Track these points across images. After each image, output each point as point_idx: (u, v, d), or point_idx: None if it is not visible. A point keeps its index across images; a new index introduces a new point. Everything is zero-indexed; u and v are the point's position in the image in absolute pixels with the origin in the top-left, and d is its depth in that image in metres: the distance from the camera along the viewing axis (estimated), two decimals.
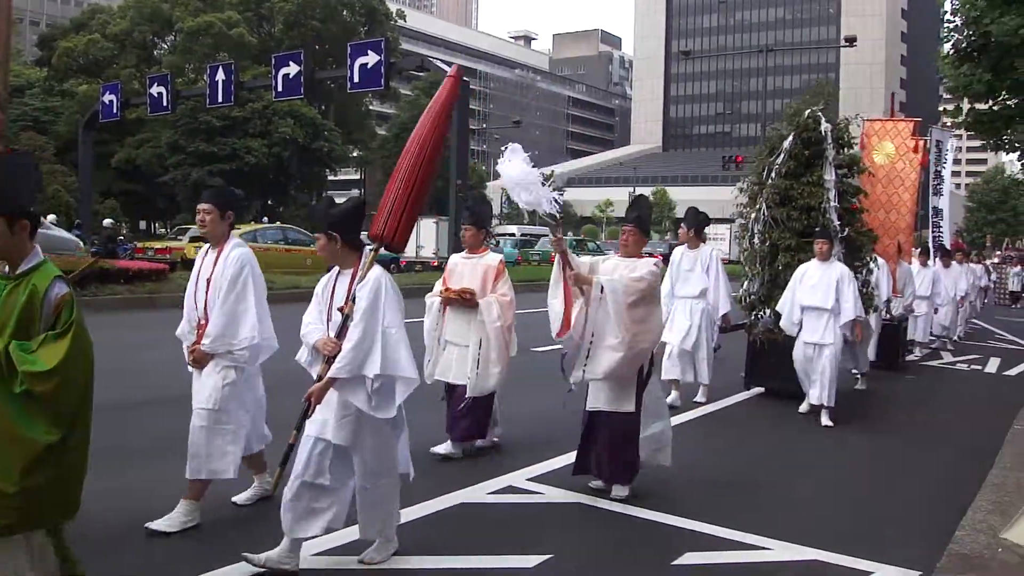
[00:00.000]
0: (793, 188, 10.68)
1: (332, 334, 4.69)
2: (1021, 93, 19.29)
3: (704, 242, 10.43)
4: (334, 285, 4.87)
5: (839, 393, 9.64)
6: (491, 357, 7.12)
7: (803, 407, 9.79)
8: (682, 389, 10.05)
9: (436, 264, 35.54)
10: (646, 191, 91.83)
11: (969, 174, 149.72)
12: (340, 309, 4.68)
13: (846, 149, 11.07)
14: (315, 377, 4.68)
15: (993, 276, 32.68)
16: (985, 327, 22.66)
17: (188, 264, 24.06)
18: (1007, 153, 26.13)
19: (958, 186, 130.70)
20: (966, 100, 22.36)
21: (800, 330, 9.73)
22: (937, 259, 17.48)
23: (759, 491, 6.88)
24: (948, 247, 18.75)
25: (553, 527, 5.69)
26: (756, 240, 10.91)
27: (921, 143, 15.30)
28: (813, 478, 7.45)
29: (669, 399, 9.60)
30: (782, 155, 10.86)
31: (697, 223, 10.30)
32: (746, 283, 11.15)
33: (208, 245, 5.65)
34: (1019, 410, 9.79)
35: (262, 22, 66.25)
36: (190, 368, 5.53)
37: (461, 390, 7.17)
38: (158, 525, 5.19)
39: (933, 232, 19.22)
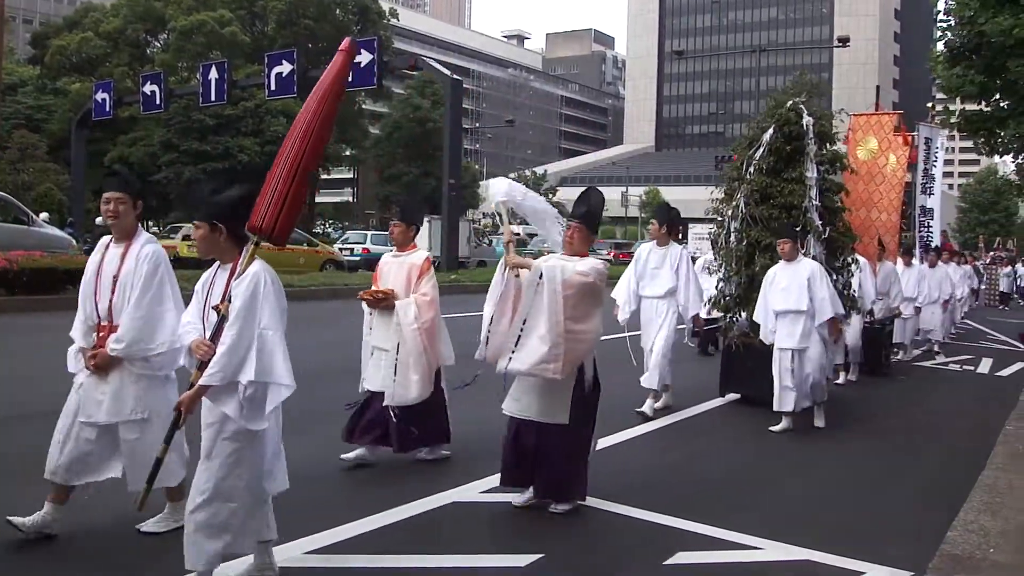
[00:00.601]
0: (773, 185, 10.10)
1: (208, 336, 4.22)
2: (1014, 94, 19.32)
3: (678, 241, 10.00)
4: (212, 281, 4.37)
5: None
6: (409, 362, 6.67)
7: (778, 427, 8.88)
8: (668, 392, 9.72)
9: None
10: (639, 191, 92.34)
11: (962, 175, 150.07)
12: (216, 308, 4.23)
13: (829, 144, 10.52)
14: (189, 384, 4.23)
15: (984, 276, 32.41)
16: (977, 327, 22.72)
17: (180, 262, 24.11)
18: (1000, 156, 26.13)
19: (951, 186, 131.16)
20: (958, 100, 22.41)
21: (776, 336, 9.07)
22: (923, 259, 17.01)
23: (751, 491, 6.88)
24: (938, 246, 18.32)
25: (545, 526, 5.68)
26: (732, 239, 10.31)
27: (908, 139, 14.87)
28: (804, 479, 7.45)
29: (644, 407, 9.32)
30: (761, 149, 10.21)
31: (670, 219, 9.76)
32: (720, 283, 10.54)
33: (110, 238, 5.20)
34: (1011, 411, 9.81)
35: (255, 20, 66.13)
36: (85, 372, 5.05)
37: (382, 398, 6.75)
38: (148, 526, 5.17)
39: (921, 231, 18.88)
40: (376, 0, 68.13)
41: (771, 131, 10.19)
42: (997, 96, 20.47)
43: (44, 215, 26.32)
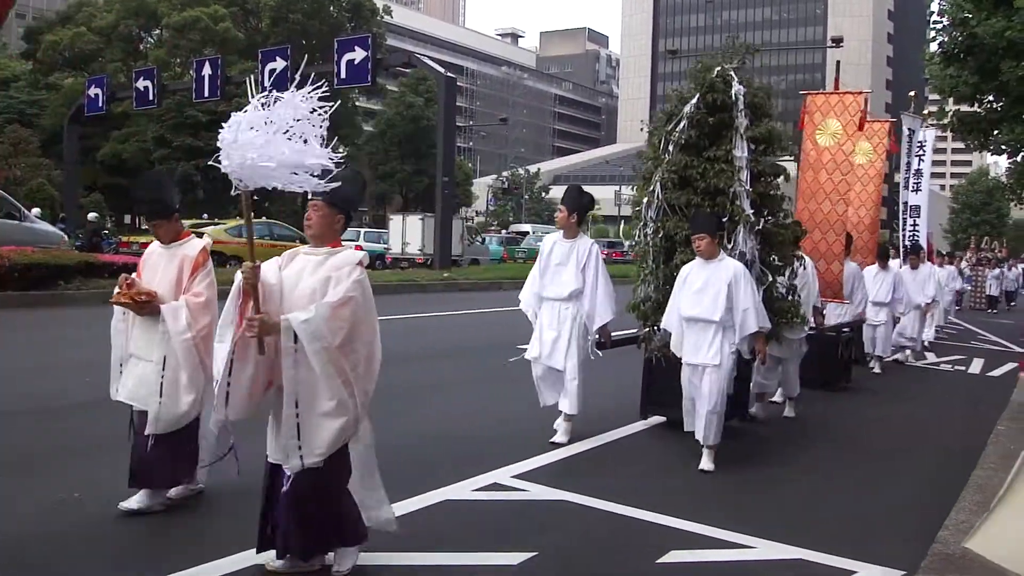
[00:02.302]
0: (694, 166, 8.36)
1: None
2: (1007, 95, 19.41)
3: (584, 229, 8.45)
4: None
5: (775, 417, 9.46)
6: (181, 380, 5.34)
7: (705, 463, 7.31)
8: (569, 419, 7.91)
9: (422, 261, 35.68)
10: (632, 190, 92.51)
11: (954, 175, 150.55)
12: None
13: (766, 120, 8.68)
14: None
15: (968, 278, 31.15)
16: (968, 328, 22.77)
17: None
18: (992, 155, 26.23)
19: (943, 187, 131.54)
20: (951, 101, 22.50)
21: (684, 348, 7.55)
22: (904, 261, 15.80)
23: (744, 490, 6.88)
24: (923, 247, 17.06)
25: (538, 525, 5.67)
26: (649, 231, 8.54)
27: (884, 126, 13.99)
28: (797, 477, 7.45)
29: (557, 437, 7.83)
30: (683, 122, 8.47)
31: (580, 206, 7.94)
32: (641, 287, 8.70)
33: None
34: (1003, 411, 9.83)
35: (248, 17, 66.10)
36: None
37: (143, 419, 5.41)
38: None
39: (907, 231, 18.10)
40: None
41: (694, 101, 8.48)
42: (991, 98, 20.58)
43: (36, 210, 26.27)
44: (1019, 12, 16.95)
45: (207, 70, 32.93)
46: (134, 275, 5.61)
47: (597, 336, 7.96)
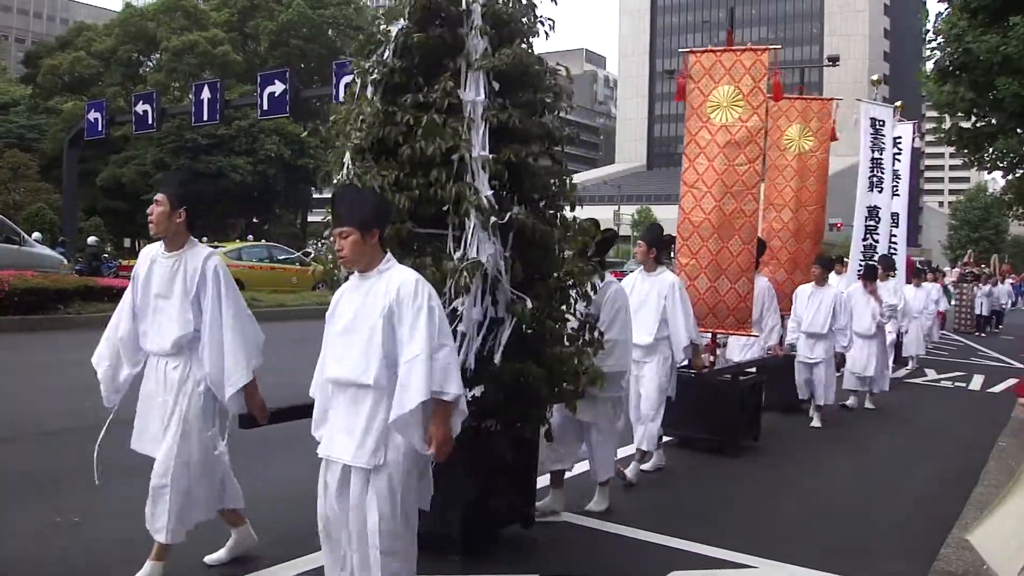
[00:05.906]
0: (396, 121, 5.03)
1: None
2: (1002, 111, 19.53)
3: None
4: None
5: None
6: None
7: None
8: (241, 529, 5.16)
9: None
10: (631, 209, 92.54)
11: (952, 192, 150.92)
12: None
13: (516, 43, 5.39)
14: None
15: (953, 291, 28.49)
16: (968, 344, 22.75)
17: None
18: (989, 172, 26.25)
19: (941, 204, 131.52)
20: (947, 118, 22.62)
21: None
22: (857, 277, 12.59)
23: (745, 510, 6.87)
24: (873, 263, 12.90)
25: (538, 546, 5.65)
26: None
27: (827, 106, 12.09)
28: (798, 496, 7.45)
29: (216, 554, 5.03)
30: (387, 50, 5.16)
31: (191, 198, 4.79)
32: None
33: None
34: (1004, 427, 9.82)
35: (247, 41, 66.39)
36: None
37: None
38: None
39: (868, 239, 14.37)
40: (370, 20, 68.53)
41: (405, 14, 5.20)
42: (986, 113, 20.73)
43: (36, 235, 26.29)
44: (1014, 28, 17.06)
45: (206, 94, 32.98)
46: None
47: (236, 408, 4.78)
